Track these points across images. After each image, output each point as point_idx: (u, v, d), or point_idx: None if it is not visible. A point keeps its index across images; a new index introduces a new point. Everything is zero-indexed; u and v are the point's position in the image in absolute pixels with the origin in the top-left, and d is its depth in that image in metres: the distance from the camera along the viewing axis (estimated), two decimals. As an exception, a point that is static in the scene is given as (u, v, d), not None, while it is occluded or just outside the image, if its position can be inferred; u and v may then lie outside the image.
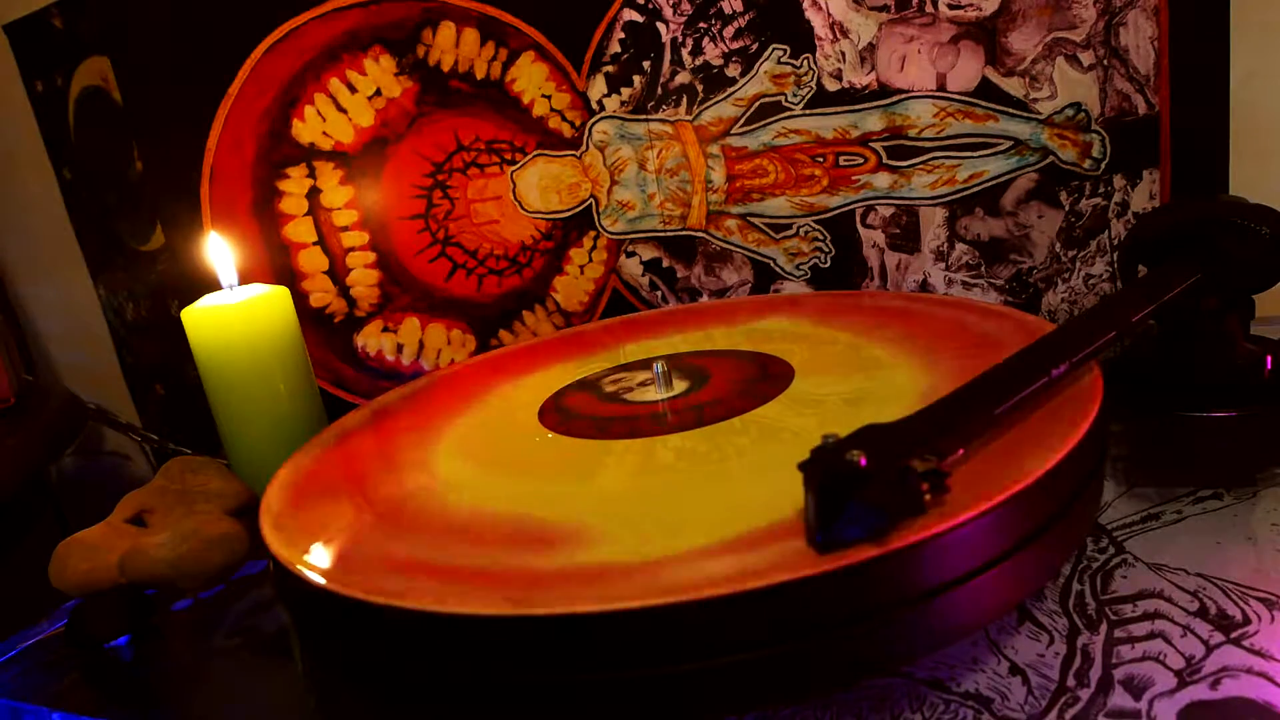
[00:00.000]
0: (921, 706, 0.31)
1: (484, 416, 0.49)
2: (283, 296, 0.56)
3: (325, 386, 0.67)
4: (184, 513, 0.46)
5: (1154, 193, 0.56)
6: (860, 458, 0.28)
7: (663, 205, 0.65)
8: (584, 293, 0.68)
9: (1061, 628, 0.34)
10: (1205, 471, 0.42)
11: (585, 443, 0.42)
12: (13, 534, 0.72)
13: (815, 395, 0.43)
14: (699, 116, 0.62)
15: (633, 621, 0.28)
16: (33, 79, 0.85)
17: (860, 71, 0.59)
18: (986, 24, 0.56)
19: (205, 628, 0.45)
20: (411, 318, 0.68)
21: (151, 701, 0.41)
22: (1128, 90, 0.55)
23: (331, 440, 0.49)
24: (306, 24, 0.63)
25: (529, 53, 0.63)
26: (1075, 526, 0.34)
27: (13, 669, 0.44)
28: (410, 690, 0.32)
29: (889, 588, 0.28)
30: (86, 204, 0.86)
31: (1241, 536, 0.37)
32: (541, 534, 0.35)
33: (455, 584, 0.31)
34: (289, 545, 0.36)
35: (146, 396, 0.90)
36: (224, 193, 0.65)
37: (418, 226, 0.66)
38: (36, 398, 0.72)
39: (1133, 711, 0.29)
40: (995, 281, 0.60)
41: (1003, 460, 0.32)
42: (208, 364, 0.54)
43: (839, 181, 0.61)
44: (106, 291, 0.88)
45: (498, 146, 0.65)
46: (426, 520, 0.38)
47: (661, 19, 0.61)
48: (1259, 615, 0.32)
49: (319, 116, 0.64)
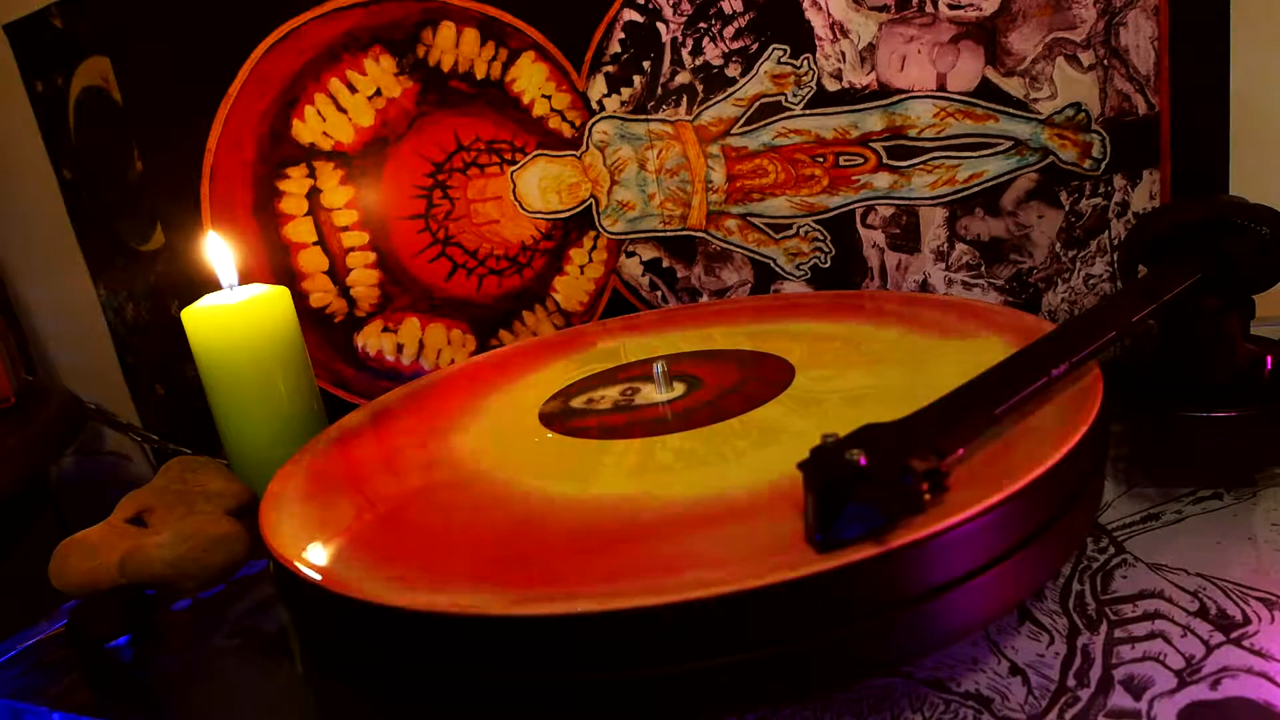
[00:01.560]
0: (921, 706, 0.31)
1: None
2: (283, 296, 0.56)
3: (325, 386, 0.67)
4: (184, 513, 0.46)
5: (1154, 193, 0.56)
6: (860, 457, 0.28)
7: (663, 205, 0.65)
8: (584, 293, 0.68)
9: (1061, 628, 0.34)
10: (1205, 471, 0.42)
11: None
12: (13, 534, 0.72)
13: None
14: (699, 116, 0.62)
15: (632, 621, 0.28)
16: (33, 79, 0.85)
17: (860, 71, 0.59)
18: (986, 24, 0.56)
19: (205, 628, 0.45)
20: (411, 318, 0.68)
21: (151, 701, 0.41)
22: (1128, 90, 0.55)
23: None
24: (306, 24, 0.63)
25: (529, 53, 0.63)
26: (1075, 526, 0.34)
27: (13, 669, 0.44)
28: (410, 690, 0.32)
29: (889, 587, 0.28)
30: (86, 204, 0.86)
31: (1241, 536, 0.37)
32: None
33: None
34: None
35: (146, 396, 0.90)
36: (224, 193, 0.65)
37: (418, 226, 0.66)
38: (36, 398, 0.72)
39: (1133, 711, 0.29)
40: (995, 281, 0.60)
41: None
42: (208, 364, 0.54)
43: (839, 181, 0.61)
44: (106, 291, 0.88)
45: (498, 146, 0.65)
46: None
47: (661, 19, 0.61)
48: (1259, 615, 0.32)
49: (319, 116, 0.64)
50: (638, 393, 0.47)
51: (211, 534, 0.45)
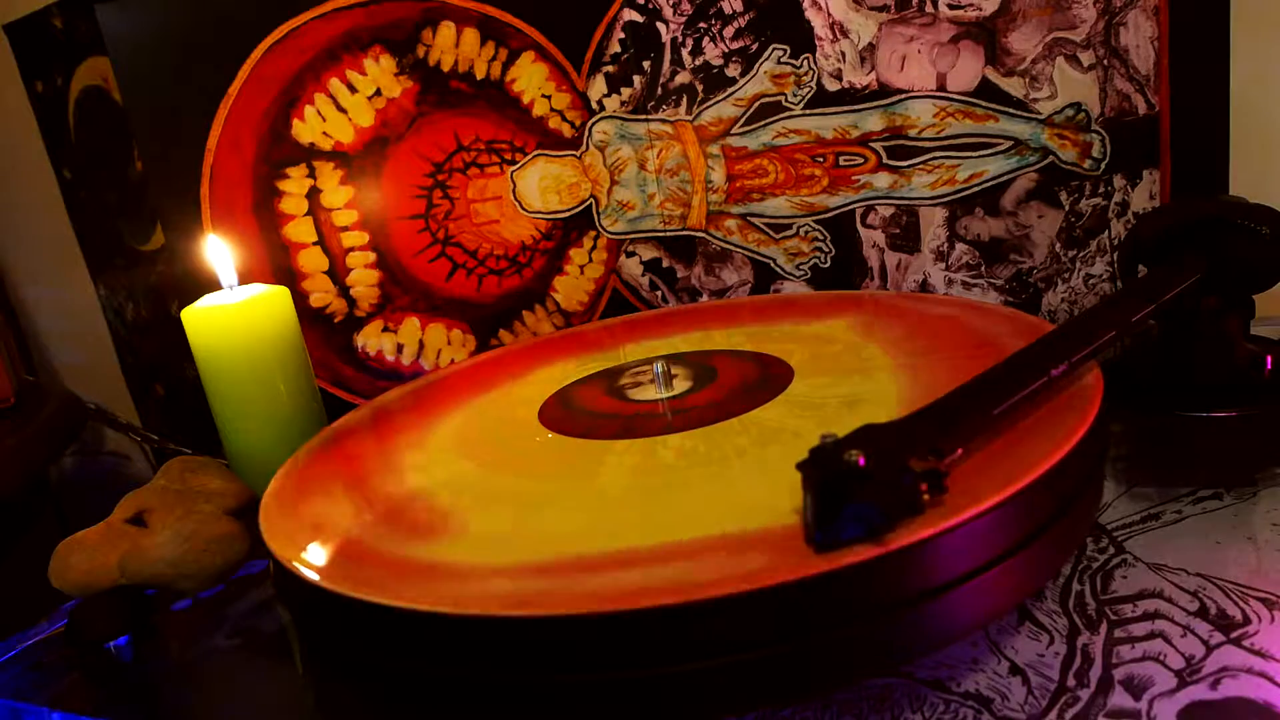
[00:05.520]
0: (921, 706, 0.31)
1: (484, 416, 0.49)
2: (283, 296, 0.56)
3: (325, 386, 0.67)
4: (184, 513, 0.46)
5: (1154, 193, 0.56)
6: (859, 457, 0.28)
7: (663, 205, 0.65)
8: (584, 293, 0.68)
9: (1061, 628, 0.34)
10: (1205, 471, 0.42)
11: (585, 442, 0.42)
12: (13, 534, 0.72)
13: (814, 397, 0.43)
14: (699, 116, 0.62)
15: (633, 622, 0.28)
16: (33, 79, 0.85)
17: (860, 71, 0.59)
18: (986, 24, 0.56)
19: (205, 628, 0.45)
20: (411, 318, 0.68)
21: (151, 701, 0.41)
22: (1128, 90, 0.55)
23: (331, 440, 0.49)
24: (306, 24, 0.63)
25: (529, 53, 0.63)
26: (1075, 526, 0.34)
27: (13, 669, 0.44)
28: (410, 690, 0.32)
29: (888, 588, 0.28)
30: (86, 204, 0.86)
31: (1241, 536, 0.37)
32: (541, 533, 0.35)
33: (454, 583, 0.31)
34: (289, 545, 0.36)
35: (146, 396, 0.90)
36: (224, 193, 0.65)
37: (418, 226, 0.66)
38: (36, 398, 0.72)
39: (1133, 711, 0.29)
40: (995, 281, 0.60)
41: (1002, 460, 0.32)
42: (208, 364, 0.54)
43: (839, 181, 0.61)
44: (106, 291, 0.88)
45: (498, 146, 0.65)
46: (426, 520, 0.38)
47: (661, 19, 0.61)
48: (1259, 615, 0.32)
49: (319, 116, 0.64)
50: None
51: (211, 534, 0.45)
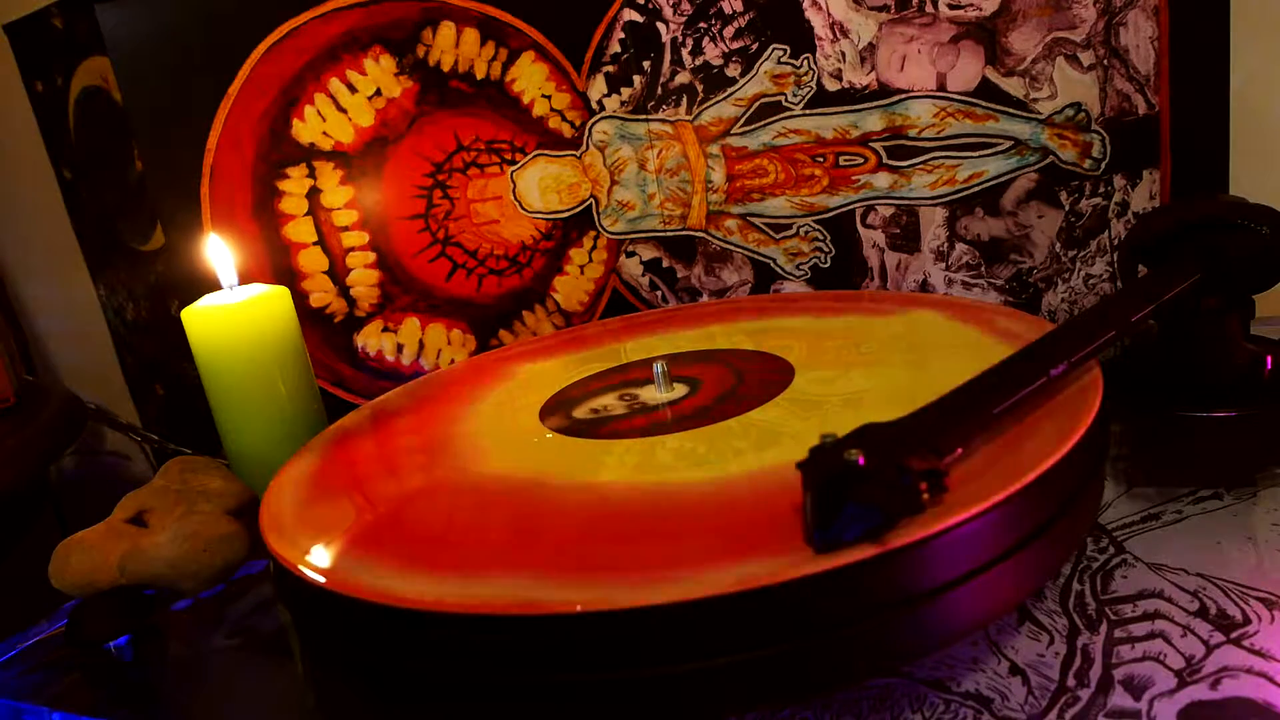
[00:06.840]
0: (921, 706, 0.31)
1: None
2: (283, 296, 0.56)
3: (325, 386, 0.67)
4: (184, 513, 0.46)
5: (1154, 193, 0.56)
6: (858, 457, 0.28)
7: (663, 205, 0.65)
8: (584, 293, 0.68)
9: (1061, 628, 0.34)
10: (1205, 471, 0.42)
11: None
12: (13, 534, 0.72)
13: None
14: (699, 116, 0.62)
15: (632, 621, 0.28)
16: (33, 79, 0.85)
17: (860, 71, 0.59)
18: (986, 24, 0.56)
19: (205, 628, 0.45)
20: (411, 318, 0.68)
21: (151, 701, 0.41)
22: (1128, 90, 0.55)
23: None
24: (306, 24, 0.63)
25: (529, 53, 0.63)
26: (1075, 526, 0.34)
27: (13, 669, 0.44)
28: (410, 690, 0.32)
29: (888, 588, 0.28)
30: (86, 204, 0.86)
31: (1241, 536, 0.37)
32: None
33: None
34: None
35: (146, 396, 0.90)
36: (224, 193, 0.65)
37: (418, 226, 0.66)
38: (36, 398, 0.72)
39: (1133, 711, 0.29)
40: (995, 281, 0.60)
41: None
42: (208, 364, 0.54)
43: (839, 181, 0.61)
44: (106, 291, 0.88)
45: (498, 146, 0.65)
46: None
47: (661, 19, 0.61)
48: (1259, 615, 0.32)
49: (319, 116, 0.64)
50: (637, 393, 0.47)
51: (211, 534, 0.45)
